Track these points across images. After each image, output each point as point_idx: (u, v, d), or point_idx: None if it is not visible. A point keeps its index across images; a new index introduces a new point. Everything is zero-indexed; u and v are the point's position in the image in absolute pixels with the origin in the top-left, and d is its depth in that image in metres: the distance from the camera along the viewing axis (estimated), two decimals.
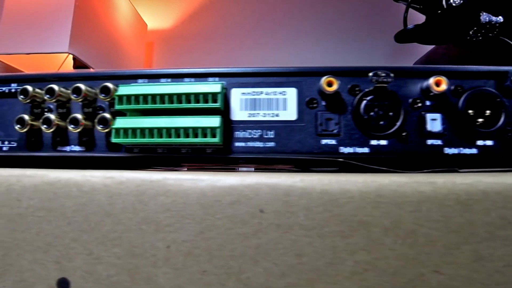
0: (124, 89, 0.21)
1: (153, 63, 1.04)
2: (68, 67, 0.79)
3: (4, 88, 0.24)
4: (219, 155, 0.21)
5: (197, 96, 0.20)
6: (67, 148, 0.23)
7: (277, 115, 0.21)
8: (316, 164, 0.21)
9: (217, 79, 0.22)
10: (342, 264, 0.17)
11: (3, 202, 0.20)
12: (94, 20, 0.74)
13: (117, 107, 0.21)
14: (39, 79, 0.24)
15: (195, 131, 0.20)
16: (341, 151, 0.20)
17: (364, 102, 0.20)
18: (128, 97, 0.21)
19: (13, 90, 0.24)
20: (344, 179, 0.18)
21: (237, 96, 0.22)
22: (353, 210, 0.18)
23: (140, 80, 0.23)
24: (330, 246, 0.18)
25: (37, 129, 0.23)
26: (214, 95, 0.20)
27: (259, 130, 0.21)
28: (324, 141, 0.21)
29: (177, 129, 0.20)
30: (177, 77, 0.22)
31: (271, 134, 0.21)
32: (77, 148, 0.22)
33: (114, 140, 0.20)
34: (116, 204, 0.19)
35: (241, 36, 1.01)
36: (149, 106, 0.21)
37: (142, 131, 0.20)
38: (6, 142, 0.23)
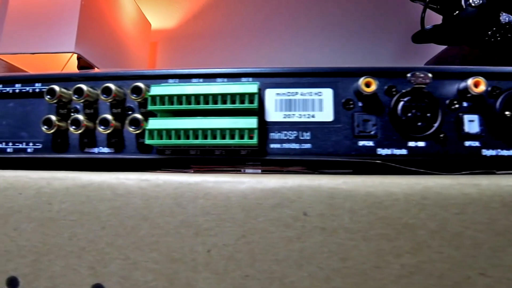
0: (157, 89, 0.21)
1: (157, 63, 1.03)
2: (72, 67, 0.78)
3: (27, 88, 0.24)
4: (254, 156, 0.21)
5: (233, 97, 0.20)
6: (95, 150, 0.22)
7: (313, 116, 0.21)
8: (352, 166, 0.20)
9: (250, 79, 0.21)
10: (388, 267, 0.17)
11: (33, 206, 0.20)
12: (100, 19, 0.73)
13: (150, 107, 0.20)
14: (64, 79, 0.23)
15: (231, 132, 0.20)
16: (379, 152, 0.20)
17: (402, 103, 0.20)
18: (162, 97, 0.20)
19: (37, 90, 0.24)
20: (388, 181, 0.18)
21: (271, 96, 0.21)
22: (398, 213, 0.17)
23: (170, 80, 0.22)
24: (375, 249, 0.17)
25: (64, 130, 0.22)
26: (250, 95, 0.20)
27: (295, 132, 0.21)
28: (361, 143, 0.20)
29: (213, 130, 0.20)
30: (209, 77, 0.22)
31: (307, 135, 0.21)
32: (105, 149, 0.22)
33: (147, 141, 0.20)
34: (153, 208, 0.19)
35: (246, 36, 1.01)
36: (186, 107, 0.20)
37: (177, 132, 0.20)
38: (31, 144, 0.23)
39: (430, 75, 0.20)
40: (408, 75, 0.20)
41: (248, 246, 0.18)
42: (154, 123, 0.20)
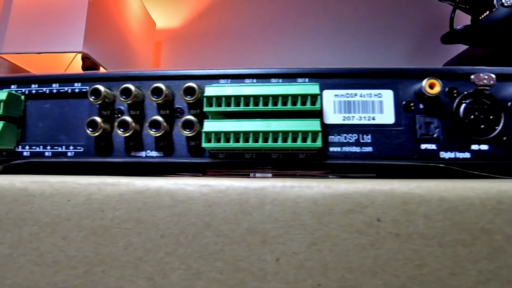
0: (212, 90, 0.20)
1: (161, 63, 1.01)
2: (76, 68, 0.75)
3: (66, 88, 0.22)
4: (313, 160, 0.20)
5: (294, 98, 0.19)
6: (142, 154, 0.21)
7: (373, 119, 0.20)
8: (414, 170, 0.20)
9: (307, 79, 0.21)
10: (464, 274, 0.17)
11: (84, 213, 0.19)
12: (107, 18, 0.71)
13: (206, 109, 0.20)
14: (107, 79, 0.22)
15: (294, 135, 0.19)
16: (442, 156, 0.20)
17: (464, 105, 0.20)
18: (218, 98, 0.20)
19: (76, 90, 0.22)
20: (461, 186, 0.18)
21: (330, 98, 0.21)
22: (473, 218, 0.17)
23: (222, 81, 0.21)
24: (451, 256, 0.17)
25: (108, 132, 0.21)
26: (312, 96, 0.19)
27: (355, 134, 0.20)
28: (424, 146, 0.20)
29: (274, 133, 0.19)
30: (264, 77, 0.21)
31: (367, 138, 0.20)
32: (154, 153, 0.21)
33: (204, 145, 0.19)
34: (216, 214, 0.18)
35: (252, 36, 1.00)
36: (244, 108, 0.20)
37: (235, 135, 0.19)
38: (71, 147, 0.22)
39: (494, 76, 0.20)
40: (472, 76, 0.20)
41: (319, 254, 0.17)
42: (210, 126, 0.20)
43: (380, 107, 0.21)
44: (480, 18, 0.34)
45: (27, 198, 0.20)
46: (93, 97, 0.21)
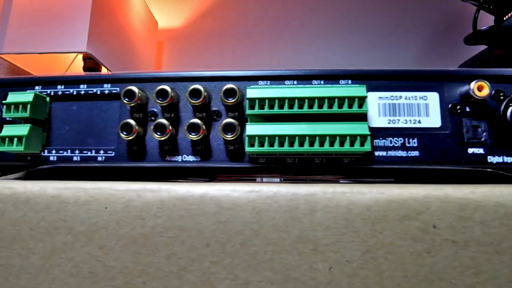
0: (255, 92, 0.20)
1: (163, 64, 1.00)
2: (76, 69, 0.74)
3: (95, 89, 0.22)
4: (358, 165, 0.20)
5: (341, 100, 0.19)
6: (178, 158, 0.21)
7: (419, 122, 0.20)
8: (460, 175, 0.20)
9: (349, 81, 0.21)
10: None
11: (122, 221, 0.18)
12: (110, 17, 0.70)
13: (248, 112, 0.19)
14: (141, 80, 0.22)
15: (341, 139, 0.19)
16: (490, 160, 0.20)
17: (511, 108, 0.20)
18: (261, 100, 0.19)
19: (106, 92, 0.22)
20: None
21: (374, 100, 0.21)
22: None
23: (261, 82, 0.21)
24: (509, 263, 0.17)
25: (141, 136, 0.21)
26: (360, 99, 0.19)
27: (400, 138, 0.20)
28: (471, 150, 0.20)
29: (320, 137, 0.19)
30: (305, 79, 0.21)
31: (414, 142, 0.20)
32: (190, 158, 0.21)
33: (248, 150, 0.19)
34: (264, 222, 0.18)
35: (258, 36, 0.99)
36: (289, 111, 0.19)
37: (280, 138, 0.19)
38: (101, 151, 0.21)
39: None
40: None
41: (374, 262, 0.17)
42: (254, 129, 0.19)
43: (426, 110, 0.21)
44: (505, 18, 0.35)
45: (61, 206, 0.19)
46: (126, 99, 0.21)
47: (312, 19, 0.98)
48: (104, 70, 0.70)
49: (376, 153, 0.20)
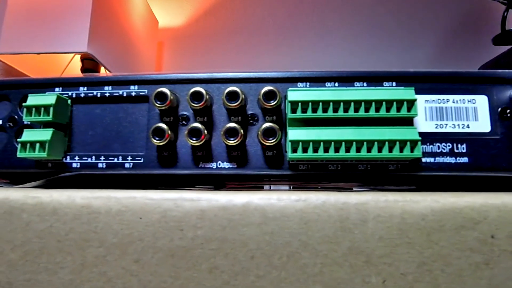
0: (298, 95, 0.20)
1: (163, 65, 1.00)
2: (74, 70, 0.73)
3: (120, 91, 0.22)
4: (405, 172, 0.20)
5: (388, 104, 0.19)
6: (212, 165, 0.21)
7: (467, 126, 0.20)
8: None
9: (394, 83, 0.21)
10: None
11: (159, 233, 0.18)
12: (111, 16, 0.69)
13: (290, 115, 0.19)
14: (169, 81, 0.22)
15: (390, 144, 0.19)
16: None
17: None
18: (304, 103, 0.19)
19: (133, 94, 0.22)
20: None
21: (420, 104, 0.21)
22: None
23: (300, 84, 0.21)
24: None
25: (172, 141, 0.21)
26: (409, 102, 0.19)
27: (449, 144, 0.20)
28: None
29: (369, 142, 0.19)
30: (347, 80, 0.21)
31: (462, 148, 0.20)
32: (226, 164, 0.21)
33: (291, 156, 0.19)
34: (313, 233, 0.18)
35: (264, 35, 0.99)
36: (333, 115, 0.20)
37: (325, 144, 0.19)
38: (129, 158, 0.21)
39: None
40: None
41: (430, 275, 0.17)
42: (297, 134, 0.19)
43: (475, 114, 0.21)
44: None
45: (91, 216, 0.19)
46: (158, 102, 0.21)
47: (321, 17, 0.98)
48: (102, 71, 0.69)
49: (424, 160, 0.21)
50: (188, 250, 0.18)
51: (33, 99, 0.21)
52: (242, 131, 0.20)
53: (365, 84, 0.21)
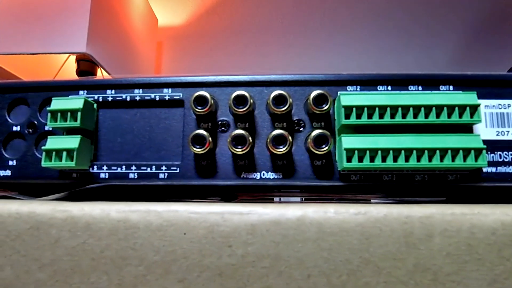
0: (351, 99, 0.20)
1: (162, 66, 1.00)
2: (69, 73, 0.73)
3: (152, 95, 0.22)
4: (465, 183, 0.20)
5: (450, 109, 0.20)
6: (256, 175, 0.21)
7: None
8: None
9: (451, 87, 0.21)
10: None
11: (206, 250, 0.18)
12: (111, 14, 0.69)
13: (344, 121, 0.20)
14: (207, 84, 0.22)
15: (453, 153, 0.19)
16: None
17: None
18: (359, 108, 0.20)
19: (166, 98, 0.22)
20: None
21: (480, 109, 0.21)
22: None
23: (350, 87, 0.21)
24: None
25: (211, 149, 0.21)
26: (471, 107, 0.20)
27: (511, 152, 0.21)
28: None
29: (430, 150, 0.19)
30: (400, 84, 0.21)
31: None
32: (271, 174, 0.21)
33: (346, 165, 0.19)
34: (375, 249, 0.18)
35: (271, 35, 1.00)
36: (392, 121, 0.20)
37: (384, 152, 0.19)
38: (164, 167, 0.21)
39: None
40: None
41: None
42: (352, 142, 0.20)
43: None
44: None
45: (129, 232, 0.19)
46: (198, 107, 0.21)
47: (333, 15, 0.99)
48: (99, 74, 0.69)
49: (485, 170, 0.21)
50: (238, 269, 0.18)
51: (58, 103, 0.21)
52: (290, 138, 0.21)
53: (420, 87, 0.22)
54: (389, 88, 0.22)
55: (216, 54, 1.00)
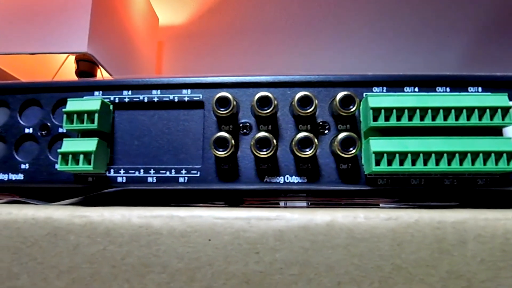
0: (379, 100, 0.20)
1: (163, 66, 0.99)
2: (67, 74, 0.73)
3: (171, 96, 0.22)
4: (495, 187, 0.21)
5: (481, 111, 0.20)
6: (279, 179, 0.21)
7: None
8: None
9: (480, 88, 0.22)
10: None
11: (232, 257, 0.18)
12: (112, 14, 0.69)
13: (372, 124, 0.20)
14: (227, 85, 0.22)
15: (484, 156, 0.19)
16: None
17: None
18: (387, 110, 0.20)
19: (185, 99, 0.22)
20: None
21: None
22: None
23: (376, 89, 0.22)
24: None
25: (233, 152, 0.21)
26: (503, 109, 0.20)
27: None
28: None
29: (461, 154, 0.19)
30: (428, 85, 0.22)
31: None
32: (295, 178, 0.21)
33: (374, 169, 0.19)
34: (407, 255, 0.18)
35: (275, 36, 1.00)
36: (420, 123, 0.20)
37: (413, 156, 0.19)
38: (183, 171, 0.21)
39: None
40: None
41: None
42: (381, 145, 0.20)
43: None
44: None
45: (151, 238, 0.19)
46: (221, 109, 0.21)
47: (340, 15, 1.00)
48: (99, 74, 0.69)
49: None
50: (266, 276, 0.18)
51: (74, 104, 0.21)
52: (316, 141, 0.21)
53: (448, 89, 0.22)
54: (416, 89, 0.22)
55: (218, 54, 1.00)
